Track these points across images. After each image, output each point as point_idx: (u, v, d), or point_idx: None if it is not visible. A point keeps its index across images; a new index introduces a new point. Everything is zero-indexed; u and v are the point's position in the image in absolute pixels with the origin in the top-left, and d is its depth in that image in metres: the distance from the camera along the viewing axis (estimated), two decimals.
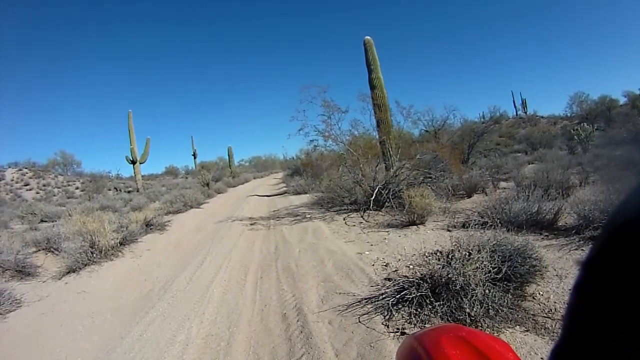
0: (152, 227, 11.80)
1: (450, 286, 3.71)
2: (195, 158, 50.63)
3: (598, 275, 0.45)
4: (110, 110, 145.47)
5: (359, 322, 4.04)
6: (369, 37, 13.92)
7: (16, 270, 7.43)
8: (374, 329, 3.81)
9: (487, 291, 3.59)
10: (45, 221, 16.06)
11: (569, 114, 33.88)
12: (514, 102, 44.29)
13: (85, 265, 7.81)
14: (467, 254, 3.96)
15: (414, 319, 3.78)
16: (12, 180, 39.62)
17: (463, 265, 3.79)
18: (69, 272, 7.59)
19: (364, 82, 13.79)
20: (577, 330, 0.49)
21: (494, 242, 4.25)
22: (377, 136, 12.56)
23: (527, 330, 3.35)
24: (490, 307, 3.50)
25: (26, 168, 42.19)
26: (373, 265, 5.91)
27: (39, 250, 8.79)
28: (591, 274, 0.47)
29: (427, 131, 21.07)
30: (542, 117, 38.62)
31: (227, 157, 45.55)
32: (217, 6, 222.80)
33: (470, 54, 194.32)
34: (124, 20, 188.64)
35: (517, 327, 3.40)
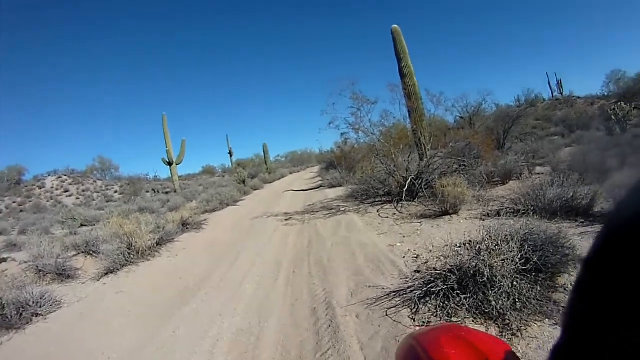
0: (188, 226, 12.08)
1: (477, 278, 3.65)
2: (231, 156, 51.27)
3: (599, 274, 0.45)
4: (145, 114, 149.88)
5: (386, 315, 4.05)
6: (396, 26, 13.73)
7: (57, 274, 7.70)
8: (400, 322, 3.82)
9: (514, 283, 3.51)
10: (85, 225, 16.52)
11: (606, 94, 32.42)
12: (549, 83, 42.53)
13: (123, 266, 8.08)
14: (495, 244, 3.88)
15: (440, 312, 3.76)
16: (52, 188, 41.43)
17: (490, 256, 3.71)
18: (107, 273, 7.86)
19: (393, 73, 13.68)
20: (577, 329, 0.50)
21: (525, 231, 4.14)
22: (409, 125, 12.41)
23: (556, 324, 3.25)
24: (517, 299, 3.43)
25: (65, 175, 43.98)
26: (404, 257, 5.88)
27: (79, 253, 9.09)
28: (592, 272, 0.47)
29: (462, 117, 20.66)
30: (579, 97, 36.87)
31: (262, 154, 46.01)
32: (248, 6, 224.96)
33: (502, 36, 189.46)
34: (155, 25, 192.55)
35: (546, 320, 3.32)
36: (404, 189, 10.14)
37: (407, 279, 4.88)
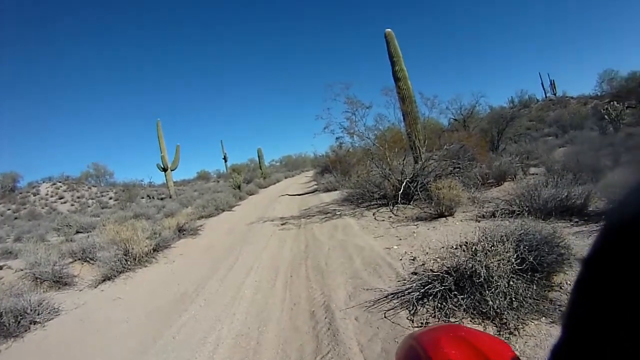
0: (184, 232, 12.07)
1: (474, 279, 3.69)
2: (225, 161, 51.36)
3: (599, 273, 0.45)
4: (140, 121, 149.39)
5: (385, 317, 4.08)
6: (389, 30, 13.80)
7: (54, 281, 7.70)
8: (398, 324, 3.85)
9: (510, 283, 3.55)
10: (81, 232, 16.46)
11: (599, 93, 32.51)
12: (542, 84, 42.78)
13: (120, 272, 8.09)
14: (491, 245, 3.92)
15: (438, 312, 3.79)
16: (47, 194, 40.99)
17: (487, 257, 3.75)
18: (104, 280, 7.88)
19: (387, 77, 13.72)
20: (577, 328, 0.50)
21: (521, 232, 4.18)
22: (404, 129, 12.45)
23: (552, 322, 3.28)
24: (514, 298, 3.47)
25: (60, 182, 43.50)
26: (401, 259, 5.91)
27: (75, 260, 9.11)
28: (592, 271, 0.47)
29: (456, 120, 20.70)
30: (572, 97, 37.00)
31: (257, 159, 46.13)
32: (238, 11, 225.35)
33: (495, 37, 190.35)
34: (147, 28, 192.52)
35: (543, 318, 3.35)
36: (400, 192, 10.20)
37: (405, 281, 4.90)
